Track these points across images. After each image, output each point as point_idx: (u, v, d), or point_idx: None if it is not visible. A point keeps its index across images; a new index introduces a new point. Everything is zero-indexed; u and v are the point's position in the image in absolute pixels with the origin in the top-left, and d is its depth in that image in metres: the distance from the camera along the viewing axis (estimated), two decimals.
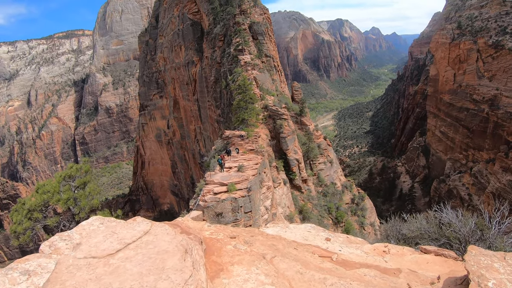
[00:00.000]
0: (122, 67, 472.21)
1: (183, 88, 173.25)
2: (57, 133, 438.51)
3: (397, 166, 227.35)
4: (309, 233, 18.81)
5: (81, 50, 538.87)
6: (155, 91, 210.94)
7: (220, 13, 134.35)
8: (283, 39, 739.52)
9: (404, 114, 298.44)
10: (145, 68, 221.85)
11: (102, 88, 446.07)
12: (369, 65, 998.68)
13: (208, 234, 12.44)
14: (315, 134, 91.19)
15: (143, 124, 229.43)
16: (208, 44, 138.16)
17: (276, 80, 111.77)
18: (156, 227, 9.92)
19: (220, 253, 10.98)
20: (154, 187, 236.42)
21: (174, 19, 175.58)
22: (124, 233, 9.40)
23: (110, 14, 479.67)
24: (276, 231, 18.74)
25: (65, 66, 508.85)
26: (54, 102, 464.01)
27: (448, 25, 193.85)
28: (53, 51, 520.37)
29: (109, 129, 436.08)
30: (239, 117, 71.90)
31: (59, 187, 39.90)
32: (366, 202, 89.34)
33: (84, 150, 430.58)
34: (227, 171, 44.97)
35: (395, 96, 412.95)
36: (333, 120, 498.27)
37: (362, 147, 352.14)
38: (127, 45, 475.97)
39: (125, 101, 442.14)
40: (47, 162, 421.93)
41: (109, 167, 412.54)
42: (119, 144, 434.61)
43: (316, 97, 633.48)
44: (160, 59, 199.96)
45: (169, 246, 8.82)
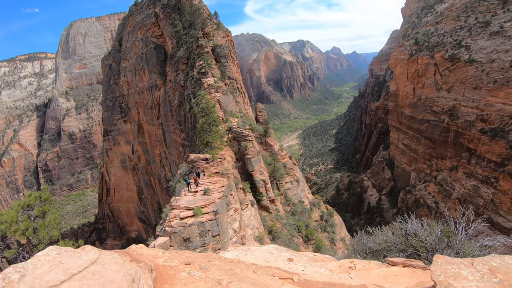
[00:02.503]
0: (85, 91, 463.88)
1: (147, 112, 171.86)
2: (19, 160, 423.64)
3: (363, 181, 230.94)
4: (271, 255, 18.65)
5: (43, 73, 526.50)
6: (119, 115, 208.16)
7: (184, 36, 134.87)
8: (246, 61, 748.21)
9: (367, 129, 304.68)
10: (109, 92, 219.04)
11: (65, 113, 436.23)
12: (331, 83, 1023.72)
13: (161, 262, 12.13)
14: (280, 154, 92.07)
15: (107, 150, 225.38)
16: (171, 67, 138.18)
17: (239, 102, 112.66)
18: (104, 256, 9.74)
19: (173, 280, 10.74)
20: (120, 214, 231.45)
21: (137, 43, 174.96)
22: (70, 263, 9.16)
23: (73, 37, 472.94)
24: (236, 255, 18.64)
25: (27, 90, 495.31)
26: (16, 127, 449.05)
27: (405, 41, 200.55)
28: (15, 74, 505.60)
29: (73, 155, 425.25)
30: (204, 140, 71.94)
31: (17, 217, 38.69)
32: (335, 218, 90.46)
33: (47, 178, 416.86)
34: (193, 195, 44.79)
35: (357, 112, 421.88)
36: (298, 139, 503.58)
37: (328, 164, 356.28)
38: (90, 69, 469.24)
39: (89, 126, 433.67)
40: (9, 191, 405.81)
41: (74, 195, 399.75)
42: (83, 171, 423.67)
43: (280, 118, 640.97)
44: (123, 83, 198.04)
45: (116, 276, 8.65)
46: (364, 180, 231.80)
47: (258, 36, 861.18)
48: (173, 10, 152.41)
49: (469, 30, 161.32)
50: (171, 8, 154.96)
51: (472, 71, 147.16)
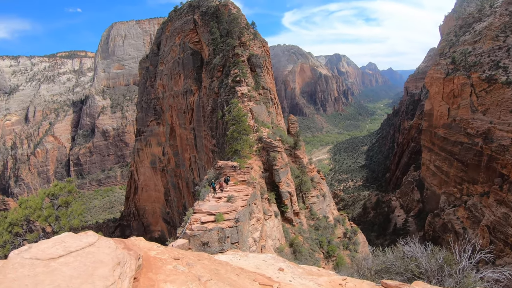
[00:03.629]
0: (122, 91, 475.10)
1: (180, 116, 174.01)
2: (52, 151, 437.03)
3: (391, 200, 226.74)
4: (264, 262, 18.78)
5: (82, 71, 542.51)
6: (153, 117, 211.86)
7: (220, 44, 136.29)
8: (281, 72, 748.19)
9: (399, 148, 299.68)
10: (144, 94, 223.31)
11: (100, 111, 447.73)
12: (365, 99, 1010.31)
13: (154, 254, 12.96)
14: (309, 167, 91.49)
15: (138, 150, 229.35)
16: (207, 74, 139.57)
17: (272, 113, 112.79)
18: (101, 241, 10.79)
19: (158, 271, 11.55)
20: (146, 213, 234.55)
21: (175, 47, 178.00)
22: (71, 243, 10.32)
23: (113, 38, 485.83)
24: (230, 258, 18.93)
25: (65, 86, 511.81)
26: (52, 120, 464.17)
27: (442, 60, 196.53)
28: (55, 70, 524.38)
29: (105, 152, 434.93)
30: (232, 148, 72.36)
31: (42, 204, 40.34)
32: (359, 236, 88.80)
33: (78, 171, 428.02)
34: (217, 201, 45.16)
35: (390, 130, 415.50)
36: (328, 153, 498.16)
37: (357, 181, 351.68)
38: (127, 70, 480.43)
39: (122, 125, 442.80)
40: (40, 180, 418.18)
41: (102, 190, 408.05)
42: (113, 168, 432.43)
43: (312, 131, 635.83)
44: (159, 86, 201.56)
45: (105, 257, 9.78)
46: (392, 200, 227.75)
47: (294, 48, 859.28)
48: (212, 18, 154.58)
49: (507, 51, 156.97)
50: (209, 16, 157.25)
51: (509, 94, 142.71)
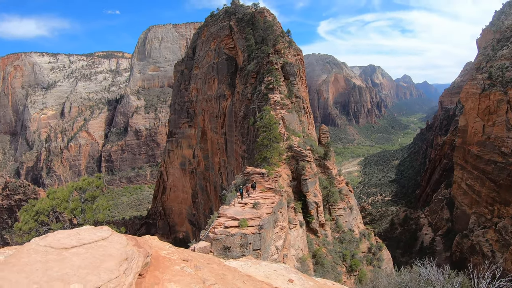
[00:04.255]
0: (156, 92, 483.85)
1: (212, 120, 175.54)
2: (85, 147, 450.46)
3: (419, 218, 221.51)
4: (275, 272, 18.59)
5: (118, 71, 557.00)
6: (185, 120, 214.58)
7: (255, 51, 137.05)
8: (315, 82, 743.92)
9: (431, 164, 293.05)
10: (178, 97, 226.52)
11: (134, 110, 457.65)
12: (398, 112, 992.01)
13: (164, 253, 13.25)
14: (338, 179, 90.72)
15: (169, 151, 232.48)
16: (240, 79, 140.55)
17: (304, 122, 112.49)
18: (114, 236, 11.26)
19: (165, 270, 11.85)
20: (172, 213, 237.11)
21: (210, 52, 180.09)
22: (85, 236, 10.86)
23: (150, 40, 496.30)
24: (240, 265, 18.92)
25: (102, 84, 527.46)
26: (86, 117, 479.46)
27: (479, 75, 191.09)
28: (92, 69, 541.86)
29: (136, 151, 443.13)
30: (262, 155, 72.54)
31: (69, 196, 41.66)
32: (384, 252, 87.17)
33: (108, 168, 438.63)
34: (242, 207, 45.38)
35: (423, 145, 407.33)
36: (358, 166, 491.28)
37: (386, 195, 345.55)
38: (163, 72, 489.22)
39: (155, 125, 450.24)
40: (71, 173, 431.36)
41: (131, 188, 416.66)
42: (143, 167, 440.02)
43: (343, 142, 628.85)
44: (193, 89, 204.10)
45: (115, 252, 10.23)
46: (420, 217, 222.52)
47: (329, 58, 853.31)
48: (247, 25, 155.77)
49: None
50: (245, 23, 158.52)
51: None
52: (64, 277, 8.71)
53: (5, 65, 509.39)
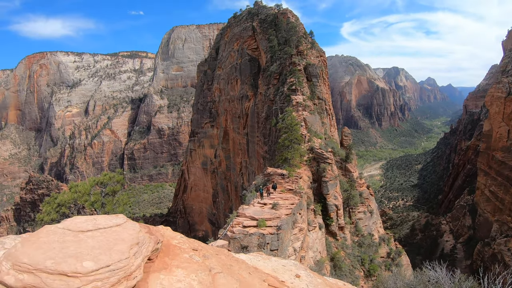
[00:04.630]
0: (179, 92, 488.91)
1: (235, 121, 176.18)
2: (108, 144, 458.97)
3: (441, 224, 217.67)
4: (283, 267, 18.60)
5: (142, 70, 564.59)
6: (207, 120, 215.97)
7: (278, 52, 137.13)
8: (338, 83, 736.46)
9: (454, 170, 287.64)
10: (201, 97, 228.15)
11: (157, 110, 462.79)
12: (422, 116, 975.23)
13: (175, 242, 13.78)
14: (358, 182, 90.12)
15: (191, 150, 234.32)
16: (263, 80, 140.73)
17: (326, 124, 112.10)
18: (128, 223, 11.92)
19: (174, 257, 12.44)
20: (192, 212, 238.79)
21: (233, 53, 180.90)
22: (101, 221, 11.57)
23: (174, 41, 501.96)
24: (249, 258, 19.11)
25: (125, 84, 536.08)
26: (110, 115, 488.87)
27: (504, 78, 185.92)
28: (116, 68, 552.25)
29: (158, 149, 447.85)
30: (283, 156, 72.64)
31: (90, 190, 42.88)
32: (403, 258, 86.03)
33: (131, 165, 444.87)
34: (261, 207, 45.61)
35: (446, 150, 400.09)
36: (380, 169, 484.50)
37: (408, 200, 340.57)
38: (186, 72, 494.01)
39: (177, 125, 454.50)
40: (94, 170, 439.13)
41: (152, 186, 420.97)
42: (165, 165, 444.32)
43: (366, 145, 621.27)
44: (216, 89, 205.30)
45: (127, 237, 10.89)
46: (442, 223, 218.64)
47: (352, 59, 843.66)
48: (270, 26, 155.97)
49: None
50: (268, 24, 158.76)
51: None
52: (78, 255, 9.51)
53: (31, 64, 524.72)
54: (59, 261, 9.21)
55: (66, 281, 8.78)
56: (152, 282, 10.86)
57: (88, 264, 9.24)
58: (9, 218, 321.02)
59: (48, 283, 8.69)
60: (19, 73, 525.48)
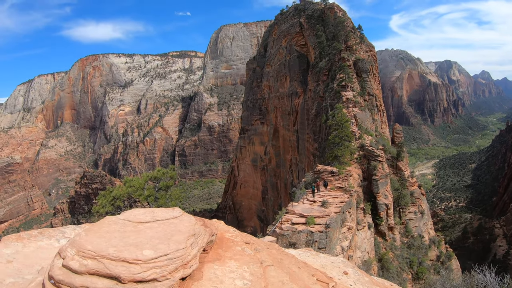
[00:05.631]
0: (229, 90, 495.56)
1: (284, 118, 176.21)
2: (159, 141, 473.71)
3: (494, 228, 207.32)
4: (331, 264, 18.70)
5: (192, 69, 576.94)
6: (257, 117, 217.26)
7: (326, 48, 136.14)
8: (388, 79, 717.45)
9: (510, 170, 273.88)
10: (250, 94, 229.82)
11: (207, 107, 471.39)
12: (476, 112, 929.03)
13: (228, 236, 14.33)
14: (410, 181, 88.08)
15: (241, 147, 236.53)
16: (312, 77, 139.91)
17: (376, 120, 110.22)
18: (184, 216, 12.51)
19: (227, 249, 12.97)
20: (241, 208, 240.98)
21: (281, 50, 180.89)
22: (159, 214, 12.21)
23: (222, 40, 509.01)
24: (298, 253, 19.23)
25: (176, 83, 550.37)
26: (161, 113, 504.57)
27: None
28: (166, 68, 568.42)
29: (209, 146, 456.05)
30: (333, 153, 71.97)
31: (144, 185, 44.63)
32: (453, 262, 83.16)
33: (181, 161, 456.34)
34: (311, 204, 45.51)
35: (502, 148, 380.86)
36: (433, 168, 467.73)
37: (460, 201, 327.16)
38: (235, 70, 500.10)
39: (228, 122, 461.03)
40: (146, 166, 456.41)
41: (202, 182, 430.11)
42: (215, 162, 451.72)
43: (417, 142, 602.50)
44: (265, 87, 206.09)
45: (184, 229, 11.43)
46: (495, 227, 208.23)
47: (402, 53, 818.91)
48: (317, 21, 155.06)
49: None
50: (315, 19, 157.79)
51: None
52: (139, 244, 10.16)
53: (85, 66, 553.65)
54: (121, 249, 9.84)
55: (127, 267, 9.34)
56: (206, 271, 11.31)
57: (148, 252, 9.80)
58: (64, 210, 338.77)
59: (110, 268, 9.28)
60: (73, 75, 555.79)
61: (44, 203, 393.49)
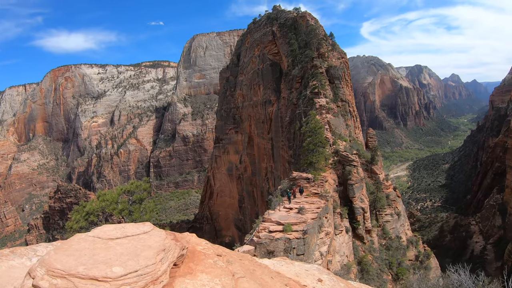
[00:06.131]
0: (202, 99, 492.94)
1: (259, 126, 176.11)
2: (134, 153, 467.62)
3: (470, 225, 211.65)
4: (306, 272, 18.67)
5: (165, 79, 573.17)
6: (231, 126, 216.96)
7: (299, 56, 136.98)
8: (360, 84, 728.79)
9: (482, 168, 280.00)
10: (224, 103, 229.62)
11: (181, 117, 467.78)
12: (447, 114, 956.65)
13: (200, 248, 14.23)
14: (385, 183, 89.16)
15: (216, 156, 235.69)
16: (285, 85, 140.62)
17: (350, 126, 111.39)
18: (154, 231, 12.52)
19: (199, 263, 12.88)
20: (218, 218, 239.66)
21: (254, 59, 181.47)
22: (129, 229, 12.21)
23: (195, 49, 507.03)
24: (272, 263, 19.32)
25: (149, 93, 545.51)
26: (135, 124, 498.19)
27: None
28: (139, 78, 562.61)
29: (184, 156, 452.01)
30: (308, 160, 72.41)
31: (118, 199, 44.13)
32: (432, 261, 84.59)
33: (157, 173, 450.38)
34: (287, 212, 45.62)
35: (473, 148, 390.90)
36: (407, 170, 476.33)
37: (436, 201, 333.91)
38: (208, 80, 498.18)
39: (202, 132, 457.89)
40: (121, 178, 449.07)
41: (178, 193, 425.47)
42: (191, 172, 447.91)
43: (391, 146, 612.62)
44: (238, 95, 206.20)
45: (154, 244, 11.44)
46: (471, 224, 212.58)
47: (374, 59, 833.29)
48: (290, 30, 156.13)
49: None
50: (287, 28, 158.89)
51: None
52: (108, 261, 10.10)
53: (57, 77, 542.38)
54: (90, 267, 9.75)
55: (96, 285, 9.24)
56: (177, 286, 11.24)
57: (117, 269, 9.74)
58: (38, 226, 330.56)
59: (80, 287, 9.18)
60: (45, 87, 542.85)
61: (17, 219, 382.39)
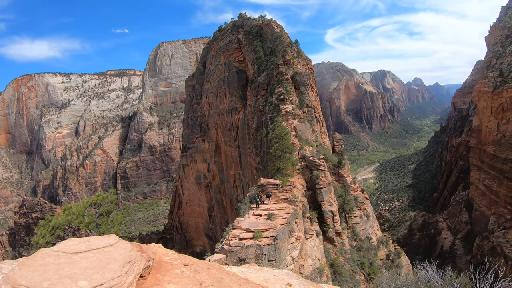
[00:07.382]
0: (169, 108, 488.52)
1: (226, 134, 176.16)
2: (100, 164, 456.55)
3: (438, 222, 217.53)
4: (275, 277, 18.82)
5: (130, 88, 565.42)
6: (198, 134, 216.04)
7: (265, 63, 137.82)
8: (326, 90, 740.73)
9: (447, 167, 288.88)
10: (190, 111, 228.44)
11: (147, 127, 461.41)
12: (411, 116, 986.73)
13: (167, 259, 14.21)
14: (353, 186, 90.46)
15: (184, 165, 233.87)
16: (251, 92, 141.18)
17: (316, 131, 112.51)
18: (120, 243, 12.43)
19: (166, 273, 12.89)
20: (189, 228, 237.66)
21: (220, 66, 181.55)
22: (94, 243, 12.09)
23: (161, 57, 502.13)
24: (240, 270, 19.41)
25: (115, 102, 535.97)
26: (101, 134, 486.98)
27: (489, 73, 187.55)
28: (105, 87, 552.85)
29: (151, 166, 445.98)
30: (275, 166, 72.68)
31: (84, 212, 43.28)
32: (402, 259, 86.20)
33: (124, 184, 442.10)
34: (257, 218, 45.62)
35: (438, 148, 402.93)
36: (374, 172, 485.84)
37: (403, 201, 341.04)
38: (174, 88, 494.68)
39: (169, 141, 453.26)
40: (87, 190, 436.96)
41: (147, 203, 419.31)
42: (158, 182, 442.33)
43: (358, 149, 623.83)
44: (205, 103, 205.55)
45: (119, 256, 11.40)
46: (439, 221, 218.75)
47: (339, 65, 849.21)
48: (255, 37, 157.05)
49: None
50: (253, 35, 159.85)
51: None
52: (73, 275, 10.00)
53: (19, 86, 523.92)
54: (55, 282, 9.62)
55: None
56: None
57: (83, 283, 9.66)
58: (3, 243, 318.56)
59: None
60: (7, 96, 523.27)
61: None
